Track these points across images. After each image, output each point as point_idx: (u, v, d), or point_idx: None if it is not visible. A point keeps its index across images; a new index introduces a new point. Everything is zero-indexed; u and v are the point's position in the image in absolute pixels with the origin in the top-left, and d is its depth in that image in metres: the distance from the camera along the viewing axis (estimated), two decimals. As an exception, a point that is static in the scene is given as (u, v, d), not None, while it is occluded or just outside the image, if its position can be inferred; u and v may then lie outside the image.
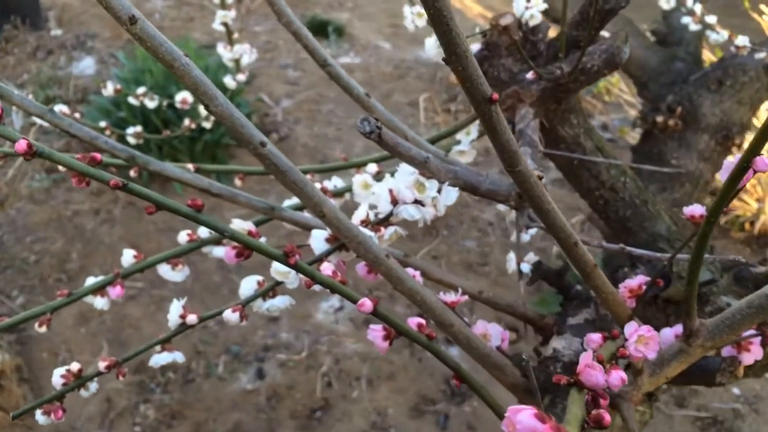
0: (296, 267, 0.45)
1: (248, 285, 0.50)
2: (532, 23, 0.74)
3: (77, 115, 1.11)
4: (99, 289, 0.58)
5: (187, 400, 2.08)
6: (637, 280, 0.53)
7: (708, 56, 1.78)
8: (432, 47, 0.75)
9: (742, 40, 1.14)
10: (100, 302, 0.58)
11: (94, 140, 0.60)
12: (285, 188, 0.47)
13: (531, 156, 0.59)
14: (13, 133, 0.38)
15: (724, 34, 1.17)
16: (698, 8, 1.22)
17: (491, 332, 0.59)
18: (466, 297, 0.61)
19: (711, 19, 1.19)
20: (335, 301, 2.39)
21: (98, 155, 0.40)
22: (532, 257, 0.69)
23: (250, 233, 0.45)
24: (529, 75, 0.67)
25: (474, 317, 1.89)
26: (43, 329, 0.54)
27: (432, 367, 2.16)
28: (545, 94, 0.69)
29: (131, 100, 1.16)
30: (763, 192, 2.66)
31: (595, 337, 0.44)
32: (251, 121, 2.97)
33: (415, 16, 0.74)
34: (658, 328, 0.67)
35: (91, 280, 0.59)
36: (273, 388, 2.07)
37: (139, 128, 1.11)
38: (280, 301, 0.51)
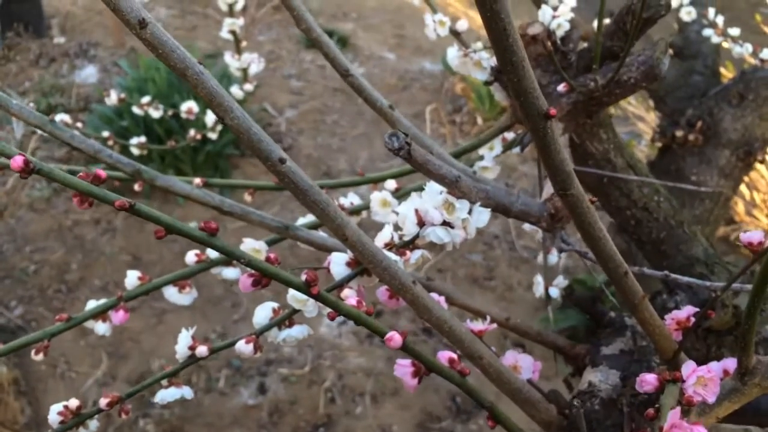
0: (319, 297, 0.40)
1: (263, 313, 0.46)
2: (559, 33, 0.70)
3: (79, 124, 1.07)
4: (101, 314, 0.54)
5: (188, 415, 2.03)
6: (686, 312, 0.49)
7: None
8: (454, 57, 0.71)
9: (767, 53, 1.10)
10: (101, 328, 0.54)
11: (98, 153, 0.56)
12: (290, 200, 0.43)
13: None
14: (9, 148, 0.34)
15: (748, 47, 1.13)
16: (720, 20, 1.19)
17: (522, 364, 0.55)
18: (494, 325, 0.56)
19: (734, 31, 1.15)
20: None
21: (102, 173, 0.35)
22: (561, 281, 0.65)
23: (268, 259, 0.40)
24: (561, 87, 0.63)
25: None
26: (40, 356, 0.50)
27: (437, 384, 2.12)
28: (576, 108, 0.65)
29: (135, 109, 1.13)
30: (775, 207, 2.62)
31: (650, 379, 0.40)
32: (255, 131, 2.95)
33: (437, 24, 0.70)
34: (697, 361, 0.63)
35: (92, 304, 0.54)
36: (275, 404, 2.02)
37: (143, 139, 1.07)
38: (298, 332, 0.46)
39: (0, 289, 2.34)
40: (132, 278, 0.55)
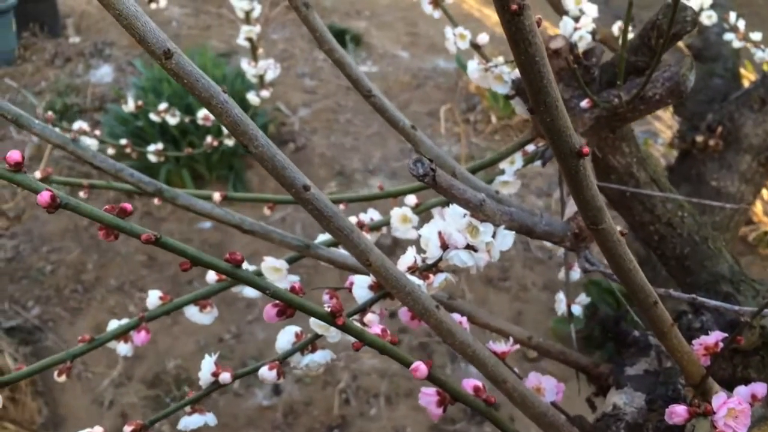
0: (344, 328, 0.40)
1: (285, 338, 0.46)
2: (581, 45, 0.69)
3: (97, 132, 1.07)
4: (122, 334, 0.54)
5: (203, 416, 2.04)
6: (714, 337, 0.48)
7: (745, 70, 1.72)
8: (474, 70, 0.70)
9: (790, 58, 1.09)
10: (123, 348, 0.54)
11: (119, 172, 0.56)
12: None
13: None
14: (36, 183, 0.33)
15: (771, 52, 1.11)
16: (742, 24, 1.17)
17: (545, 385, 0.55)
18: (517, 346, 0.56)
19: (756, 36, 1.14)
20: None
21: (128, 206, 0.35)
22: (583, 299, 0.65)
23: (293, 289, 0.40)
24: (584, 103, 0.62)
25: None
26: (63, 378, 0.50)
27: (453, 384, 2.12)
28: (599, 123, 0.64)
29: (152, 116, 1.13)
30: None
31: (679, 410, 0.39)
32: (268, 130, 2.94)
33: (457, 38, 0.69)
34: (723, 381, 0.62)
35: (113, 324, 0.54)
36: (290, 405, 2.02)
37: (160, 146, 1.08)
38: (321, 357, 0.46)
39: (17, 289, 2.35)
40: (153, 298, 0.55)
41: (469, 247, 0.49)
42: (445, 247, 0.50)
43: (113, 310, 2.29)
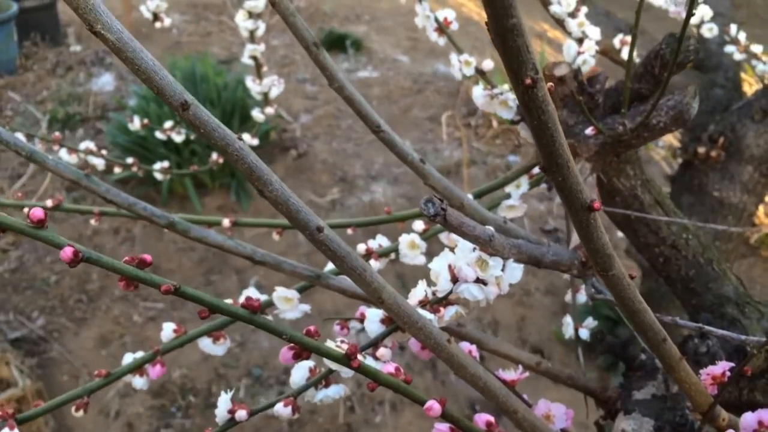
0: (360, 370, 0.41)
1: (299, 374, 0.47)
2: (585, 69, 0.70)
3: (104, 151, 1.08)
4: (137, 368, 0.54)
5: (209, 425, 2.04)
6: (721, 367, 0.49)
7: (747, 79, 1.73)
8: (480, 96, 0.71)
9: (791, 71, 1.09)
10: (139, 382, 0.54)
11: (133, 206, 0.57)
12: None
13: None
14: (58, 238, 0.34)
15: (772, 65, 1.12)
16: (743, 37, 1.17)
17: (555, 412, 0.55)
18: (526, 374, 0.57)
19: (757, 48, 1.14)
20: (356, 322, 2.36)
21: (148, 257, 0.36)
22: (590, 322, 0.65)
23: (308, 332, 0.41)
24: (589, 130, 0.63)
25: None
26: (80, 413, 0.51)
27: (456, 391, 2.12)
28: (604, 149, 0.65)
29: (158, 134, 1.14)
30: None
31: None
32: (270, 137, 2.95)
33: (462, 65, 0.70)
34: (728, 403, 0.63)
35: (128, 358, 0.55)
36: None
37: (165, 164, 1.08)
38: (334, 392, 0.47)
39: (22, 299, 2.36)
40: (168, 331, 0.56)
41: (478, 281, 0.50)
42: (455, 280, 0.51)
43: (118, 320, 2.30)
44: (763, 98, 1.23)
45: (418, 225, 0.67)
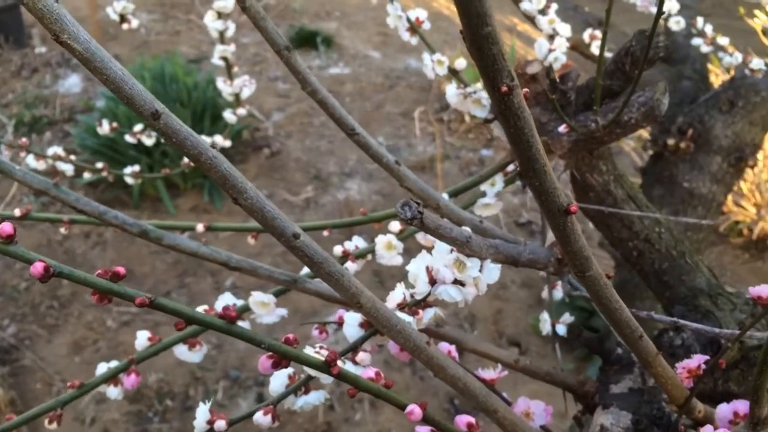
0: (340, 376, 0.41)
1: (278, 381, 0.46)
2: (556, 66, 0.71)
3: (72, 156, 1.06)
4: (112, 378, 0.53)
5: (186, 429, 2.02)
6: (696, 361, 0.49)
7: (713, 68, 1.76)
8: (453, 95, 0.71)
9: (756, 63, 1.11)
10: (113, 392, 0.54)
11: (103, 215, 0.56)
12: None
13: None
14: (29, 254, 0.33)
15: (738, 57, 1.14)
16: (709, 29, 1.19)
17: (534, 410, 0.56)
18: (505, 372, 0.57)
19: (723, 40, 1.16)
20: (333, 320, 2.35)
21: (121, 269, 0.35)
22: (567, 318, 0.66)
23: (287, 341, 0.41)
24: (561, 128, 0.63)
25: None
26: (54, 426, 0.50)
27: (435, 386, 2.13)
28: (577, 146, 0.66)
29: (128, 138, 1.12)
30: (762, 198, 2.65)
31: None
32: (242, 136, 2.92)
33: (435, 64, 0.70)
34: (703, 394, 0.64)
35: (103, 368, 0.54)
36: (274, 414, 2.03)
37: (137, 168, 1.07)
38: (314, 398, 0.47)
39: (-8, 307, 2.32)
40: (142, 339, 0.55)
41: (456, 282, 0.50)
42: (433, 282, 0.51)
43: (91, 326, 2.27)
44: (730, 89, 1.25)
45: (395, 225, 0.67)
